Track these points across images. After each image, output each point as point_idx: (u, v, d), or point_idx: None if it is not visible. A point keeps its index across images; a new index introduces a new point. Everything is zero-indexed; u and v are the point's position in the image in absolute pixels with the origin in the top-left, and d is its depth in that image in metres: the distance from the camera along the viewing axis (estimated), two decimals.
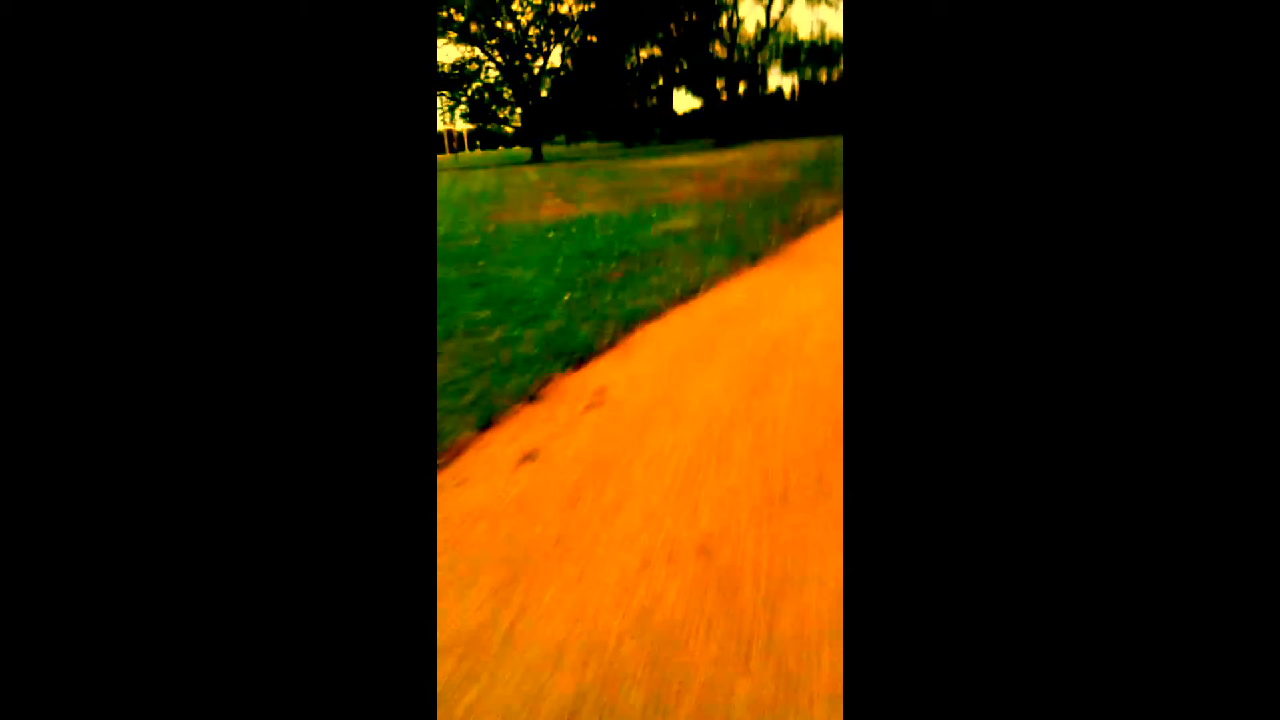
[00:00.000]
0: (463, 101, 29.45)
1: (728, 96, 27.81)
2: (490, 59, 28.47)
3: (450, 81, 28.63)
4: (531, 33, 27.83)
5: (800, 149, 15.28)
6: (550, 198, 9.11)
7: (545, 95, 29.18)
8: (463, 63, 28.90)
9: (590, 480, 1.68)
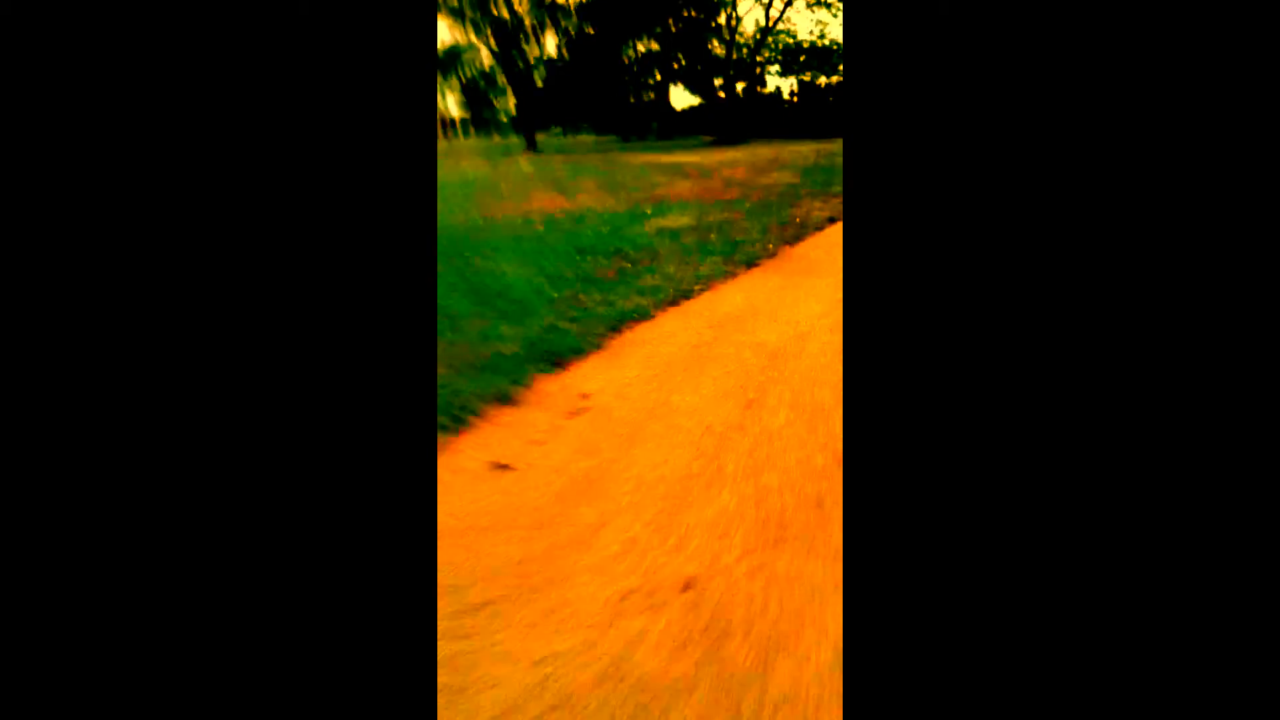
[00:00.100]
0: (454, 86, 29.20)
1: (726, 95, 27.65)
2: (485, 44, 28.18)
3: (441, 63, 28.25)
4: (527, 21, 27.55)
5: (798, 151, 15.17)
6: (542, 190, 8.92)
7: (540, 85, 28.91)
8: (456, 48, 28.60)
9: (569, 497, 1.55)
